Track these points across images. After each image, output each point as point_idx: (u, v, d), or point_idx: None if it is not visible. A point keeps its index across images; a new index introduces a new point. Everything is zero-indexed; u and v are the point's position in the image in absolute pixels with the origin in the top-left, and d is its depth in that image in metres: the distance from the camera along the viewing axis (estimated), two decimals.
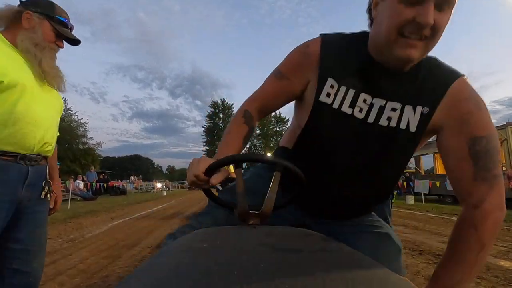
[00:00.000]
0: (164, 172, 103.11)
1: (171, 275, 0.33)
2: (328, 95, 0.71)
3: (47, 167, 1.22)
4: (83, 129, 29.56)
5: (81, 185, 12.74)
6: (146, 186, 26.64)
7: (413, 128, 0.67)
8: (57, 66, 1.20)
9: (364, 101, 0.69)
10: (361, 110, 0.69)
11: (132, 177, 28.09)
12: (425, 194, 10.55)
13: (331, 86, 0.70)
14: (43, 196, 1.18)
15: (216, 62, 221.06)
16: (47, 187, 1.20)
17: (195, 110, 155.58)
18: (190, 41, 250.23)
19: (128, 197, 15.94)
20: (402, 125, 0.67)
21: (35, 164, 1.13)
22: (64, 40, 1.22)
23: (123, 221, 6.22)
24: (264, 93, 0.81)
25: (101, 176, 16.79)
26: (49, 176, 1.24)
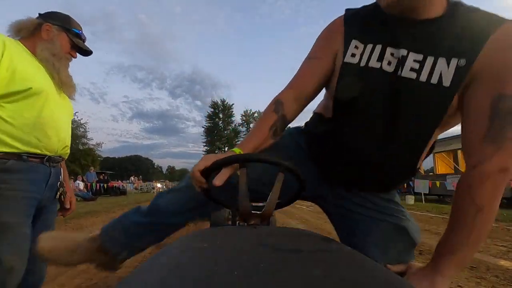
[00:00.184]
0: (164, 172, 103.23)
1: (171, 275, 0.33)
2: (353, 55, 0.71)
3: (61, 169, 1.28)
4: (83, 129, 29.52)
5: (81, 185, 12.77)
6: (146, 186, 26.66)
7: (446, 82, 0.62)
8: (70, 75, 1.27)
9: (392, 54, 0.67)
10: (389, 63, 0.67)
11: (132, 178, 28.12)
12: (425, 194, 10.53)
13: (356, 47, 0.71)
14: (57, 197, 1.24)
15: (216, 62, 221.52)
16: (61, 188, 1.26)
17: (195, 110, 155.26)
18: (190, 41, 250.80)
19: (128, 197, 15.94)
20: (433, 80, 0.63)
21: (56, 166, 1.20)
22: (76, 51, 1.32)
23: None
24: (297, 78, 0.81)
25: (101, 177, 16.81)
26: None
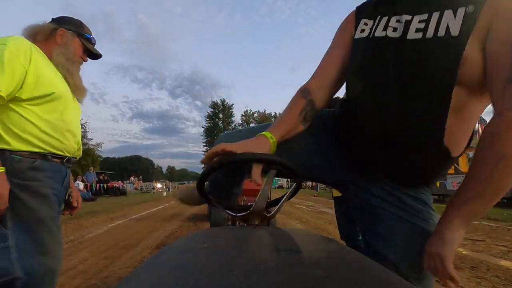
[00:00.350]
0: (164, 172, 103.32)
1: (171, 276, 0.33)
2: (362, 31, 0.75)
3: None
4: (82, 129, 29.34)
5: (81, 185, 12.77)
6: (146, 186, 26.67)
7: (455, 32, 0.60)
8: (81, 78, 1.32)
9: (398, 21, 0.67)
10: (395, 30, 0.67)
11: (132, 178, 28.14)
12: None
13: (365, 24, 0.75)
14: (67, 197, 1.28)
15: (216, 62, 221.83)
16: (69, 189, 1.29)
17: (195, 110, 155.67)
18: (190, 42, 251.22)
19: (128, 197, 15.94)
20: (440, 33, 0.61)
21: (71, 167, 1.25)
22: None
23: (123, 222, 6.23)
24: (319, 68, 0.83)
25: (101, 177, 16.81)
26: None
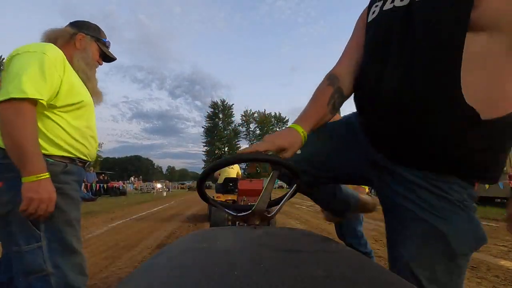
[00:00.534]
0: (164, 172, 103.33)
1: (171, 276, 0.33)
2: (373, 13, 0.77)
3: None
4: None
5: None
6: (146, 186, 26.68)
7: None
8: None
9: None
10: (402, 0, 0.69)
11: (132, 178, 28.17)
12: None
13: (376, 5, 0.78)
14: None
15: (216, 62, 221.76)
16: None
17: (195, 110, 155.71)
18: (190, 42, 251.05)
19: (128, 198, 15.95)
20: None
21: (88, 171, 1.27)
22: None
23: (123, 222, 6.23)
24: (344, 54, 0.85)
25: (101, 177, 16.82)
26: None
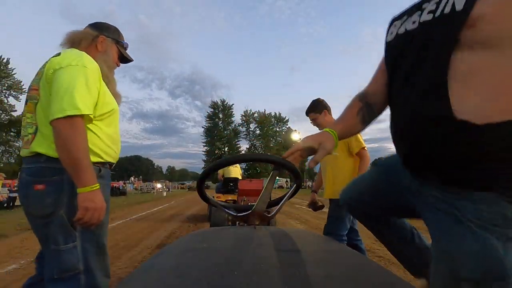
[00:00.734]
0: (164, 172, 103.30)
1: (171, 276, 0.33)
2: (391, 33, 0.80)
3: None
4: None
5: None
6: (146, 186, 26.72)
7: (459, 6, 0.62)
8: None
9: (418, 13, 0.71)
10: (414, 22, 0.72)
11: (132, 178, 28.18)
12: None
13: (394, 26, 0.80)
14: None
15: (216, 62, 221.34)
16: None
17: (195, 110, 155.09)
18: (190, 42, 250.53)
19: (128, 198, 15.96)
20: (446, 10, 0.64)
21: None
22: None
23: (123, 222, 6.23)
24: (373, 75, 0.93)
25: None
26: None
